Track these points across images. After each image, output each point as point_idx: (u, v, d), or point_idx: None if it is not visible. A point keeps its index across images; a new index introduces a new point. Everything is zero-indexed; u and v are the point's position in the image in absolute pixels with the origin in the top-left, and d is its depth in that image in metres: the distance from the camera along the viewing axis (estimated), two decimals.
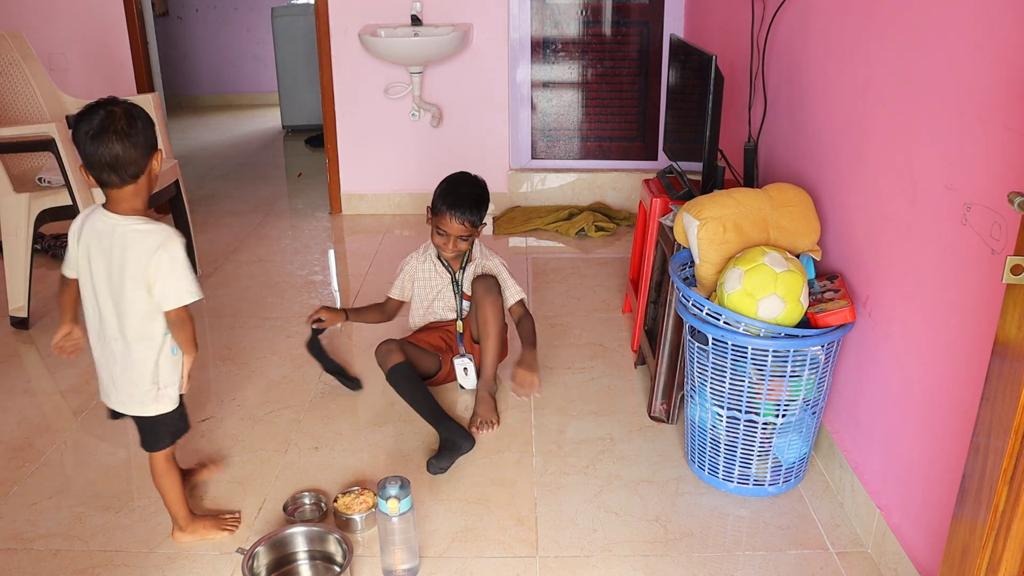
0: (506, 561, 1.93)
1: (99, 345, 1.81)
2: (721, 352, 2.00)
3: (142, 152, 1.69)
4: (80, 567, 1.92)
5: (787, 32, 2.52)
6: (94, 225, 1.73)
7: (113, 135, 1.65)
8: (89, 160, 1.67)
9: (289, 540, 1.93)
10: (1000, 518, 1.24)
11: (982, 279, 1.50)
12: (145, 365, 1.78)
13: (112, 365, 1.80)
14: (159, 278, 1.71)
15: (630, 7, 4.22)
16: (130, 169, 1.68)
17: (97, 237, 1.73)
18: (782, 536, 2.00)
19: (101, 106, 1.69)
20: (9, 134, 2.95)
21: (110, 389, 1.84)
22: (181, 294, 1.73)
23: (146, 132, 1.70)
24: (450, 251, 2.50)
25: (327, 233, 4.21)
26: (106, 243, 1.72)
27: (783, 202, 2.12)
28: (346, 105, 4.28)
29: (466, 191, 2.47)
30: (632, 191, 4.34)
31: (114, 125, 1.66)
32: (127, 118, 1.68)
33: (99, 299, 1.76)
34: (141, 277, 1.71)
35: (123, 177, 1.68)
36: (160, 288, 1.72)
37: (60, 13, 4.20)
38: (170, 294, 1.72)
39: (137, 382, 1.79)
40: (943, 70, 1.62)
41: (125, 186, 1.70)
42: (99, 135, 1.65)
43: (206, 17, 7.36)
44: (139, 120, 1.70)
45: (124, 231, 1.71)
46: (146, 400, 1.82)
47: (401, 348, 2.46)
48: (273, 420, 2.50)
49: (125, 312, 1.74)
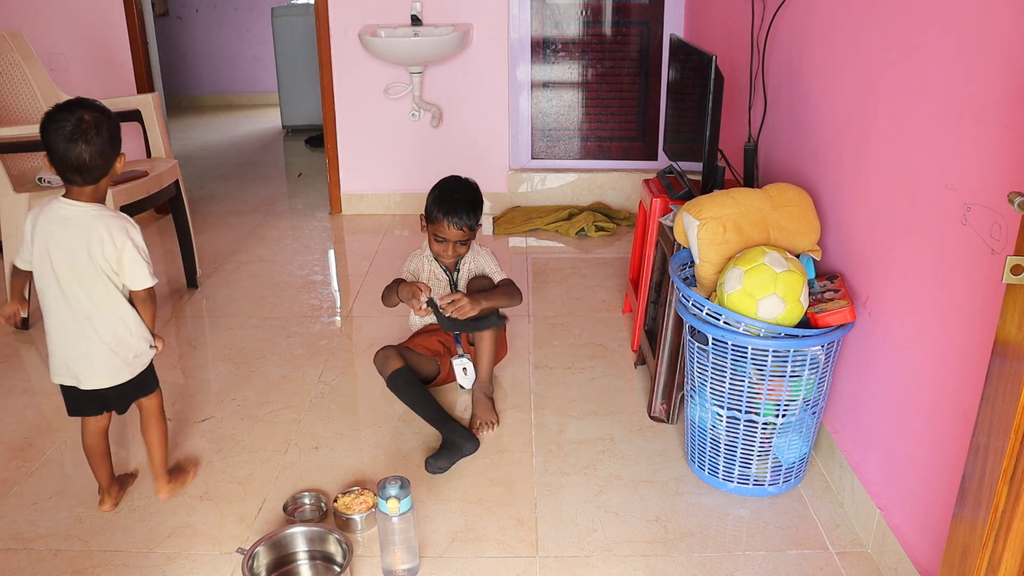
0: (506, 561, 1.93)
1: (68, 326, 1.91)
2: (721, 352, 2.00)
3: (107, 159, 1.84)
4: (80, 567, 1.92)
5: (787, 32, 2.52)
6: (56, 213, 1.86)
7: (83, 143, 1.79)
8: (57, 159, 1.81)
9: (289, 540, 1.93)
10: (1000, 518, 1.24)
11: (982, 279, 1.50)
12: (119, 334, 1.93)
13: (85, 345, 1.91)
14: (124, 263, 1.88)
15: (630, 7, 4.22)
16: (95, 173, 1.84)
17: (61, 224, 1.85)
18: (782, 536, 2.00)
19: (72, 110, 1.80)
20: (9, 134, 2.95)
21: (81, 368, 1.93)
22: (145, 278, 1.90)
23: (112, 139, 1.85)
24: (450, 257, 2.50)
25: (327, 233, 4.21)
26: (72, 230, 1.85)
27: (783, 202, 2.12)
28: (346, 105, 4.28)
29: (459, 196, 2.45)
30: (632, 191, 4.34)
31: (85, 134, 1.79)
32: (96, 127, 1.81)
33: (63, 284, 1.87)
34: (105, 259, 1.86)
35: (87, 179, 1.84)
36: (128, 272, 1.89)
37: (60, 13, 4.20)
38: (136, 277, 1.90)
39: (115, 351, 1.93)
40: (943, 70, 1.62)
41: (86, 186, 1.85)
42: (70, 141, 1.78)
43: (206, 17, 7.36)
44: (106, 128, 1.83)
45: (89, 219, 1.85)
46: (122, 366, 1.96)
47: (399, 353, 2.45)
48: (273, 420, 2.50)
49: (95, 292, 1.88)
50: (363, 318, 3.21)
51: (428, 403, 2.40)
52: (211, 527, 2.04)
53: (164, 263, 3.78)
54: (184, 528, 2.04)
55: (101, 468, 2.09)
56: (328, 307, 3.32)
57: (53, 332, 1.93)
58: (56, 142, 1.78)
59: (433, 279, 2.58)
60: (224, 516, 2.08)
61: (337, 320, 3.21)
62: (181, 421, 2.50)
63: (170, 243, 3.95)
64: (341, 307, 3.34)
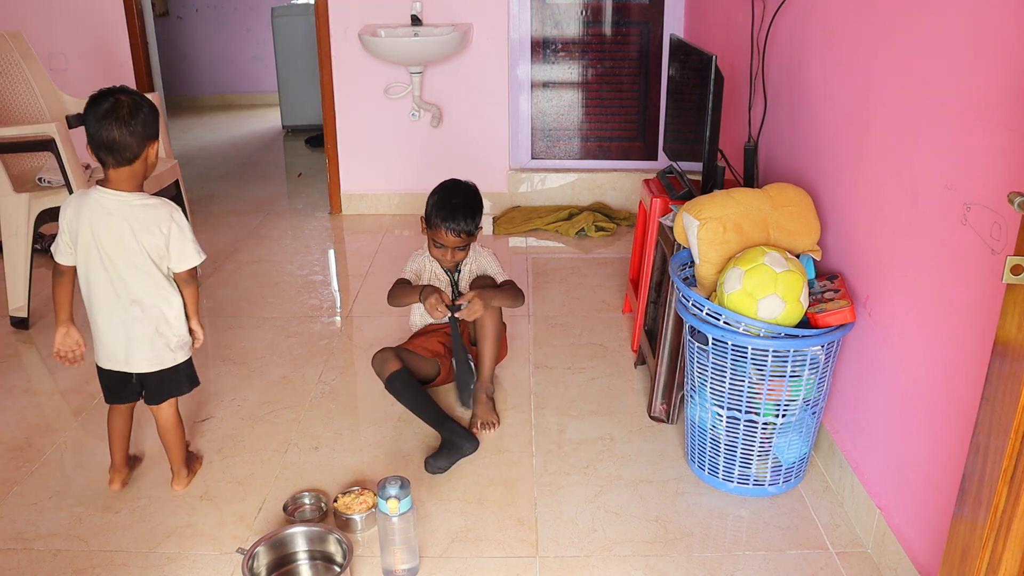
0: (506, 561, 1.93)
1: (116, 313, 1.97)
2: (721, 352, 2.00)
3: (139, 140, 1.88)
4: (80, 567, 1.92)
5: (787, 32, 2.52)
6: (98, 203, 1.91)
7: (115, 121, 1.84)
8: (93, 140, 1.87)
9: (289, 540, 1.93)
10: (1000, 518, 1.24)
11: (982, 279, 1.50)
12: (165, 320, 2.00)
13: (132, 328, 1.97)
14: (172, 245, 1.95)
15: (630, 7, 4.22)
16: (126, 153, 1.87)
17: (103, 213, 1.91)
18: (782, 536, 2.00)
19: (112, 94, 1.88)
20: (9, 134, 2.95)
21: (127, 353, 2.00)
22: (193, 256, 1.98)
23: (146, 123, 1.89)
24: (449, 262, 2.51)
25: (327, 233, 4.21)
26: (115, 218, 1.90)
27: (783, 202, 2.12)
28: (346, 105, 4.28)
29: (458, 201, 2.44)
30: (632, 191, 4.34)
31: (118, 112, 1.85)
32: (130, 108, 1.87)
33: (111, 270, 1.93)
34: (154, 246, 1.93)
35: (118, 159, 1.88)
36: (175, 254, 1.95)
37: (60, 13, 4.20)
38: (183, 258, 1.97)
39: (161, 335, 2.00)
40: (943, 70, 1.62)
41: (121, 167, 1.89)
42: (103, 119, 1.85)
43: (206, 17, 7.36)
44: (142, 112, 1.88)
45: (132, 206, 1.91)
46: (166, 353, 2.02)
47: (397, 355, 2.46)
48: (273, 420, 2.50)
49: (142, 277, 1.94)
50: (363, 318, 3.21)
51: (427, 404, 2.40)
52: (211, 527, 2.04)
53: None
54: (184, 528, 2.04)
55: (119, 448, 2.16)
56: (328, 307, 3.33)
57: (99, 318, 1.99)
58: (91, 121, 1.85)
59: (434, 279, 2.58)
60: (224, 516, 2.09)
61: (337, 320, 3.21)
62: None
63: None
64: (341, 307, 3.34)
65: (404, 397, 2.43)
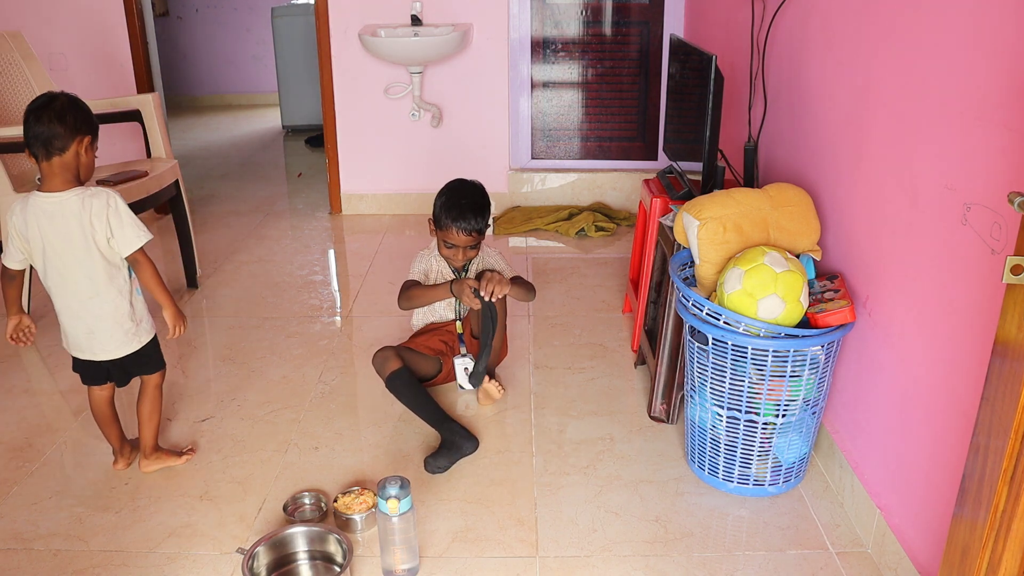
0: (506, 561, 1.93)
1: (75, 308, 2.04)
2: (721, 352, 2.00)
3: (68, 131, 1.95)
4: (80, 567, 1.92)
5: (787, 32, 2.52)
6: (39, 207, 1.97)
7: (46, 113, 1.94)
8: (26, 136, 1.95)
9: (289, 540, 1.93)
10: (1000, 518, 1.24)
11: (982, 279, 1.50)
12: (121, 308, 2.06)
13: (92, 320, 2.05)
14: (113, 231, 1.98)
15: (630, 7, 4.22)
16: (55, 142, 1.94)
17: (47, 216, 1.97)
18: (782, 536, 2.00)
19: (51, 95, 1.99)
20: (9, 134, 2.95)
21: (90, 343, 2.08)
22: (133, 240, 2.01)
23: (78, 119, 1.97)
24: (460, 261, 2.51)
25: (327, 233, 4.21)
26: (58, 219, 1.97)
27: (783, 202, 2.12)
28: (346, 105, 4.28)
29: (467, 201, 2.45)
30: (632, 191, 4.34)
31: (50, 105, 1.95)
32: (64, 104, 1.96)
33: (63, 271, 2.01)
34: (100, 236, 1.98)
35: (48, 150, 1.94)
36: (117, 239, 1.99)
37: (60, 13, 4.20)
38: (125, 242, 2.01)
39: (119, 324, 2.07)
40: (943, 70, 1.62)
41: (52, 159, 1.95)
42: (34, 112, 1.95)
43: (206, 17, 7.36)
44: (75, 108, 1.98)
45: (70, 203, 1.96)
46: (129, 337, 2.10)
47: (398, 354, 2.46)
48: (273, 420, 2.50)
49: (92, 270, 2.00)
50: (363, 318, 3.21)
51: (427, 403, 2.40)
52: (211, 527, 2.05)
53: (164, 263, 3.78)
54: (184, 528, 2.04)
55: (111, 432, 2.24)
56: (328, 307, 3.33)
57: (61, 313, 2.07)
58: (27, 119, 1.95)
59: (441, 279, 2.58)
60: (224, 516, 2.09)
61: (337, 320, 3.21)
62: (181, 421, 2.50)
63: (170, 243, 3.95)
64: (341, 307, 3.34)
65: (404, 396, 2.43)
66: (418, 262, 2.61)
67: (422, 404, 2.40)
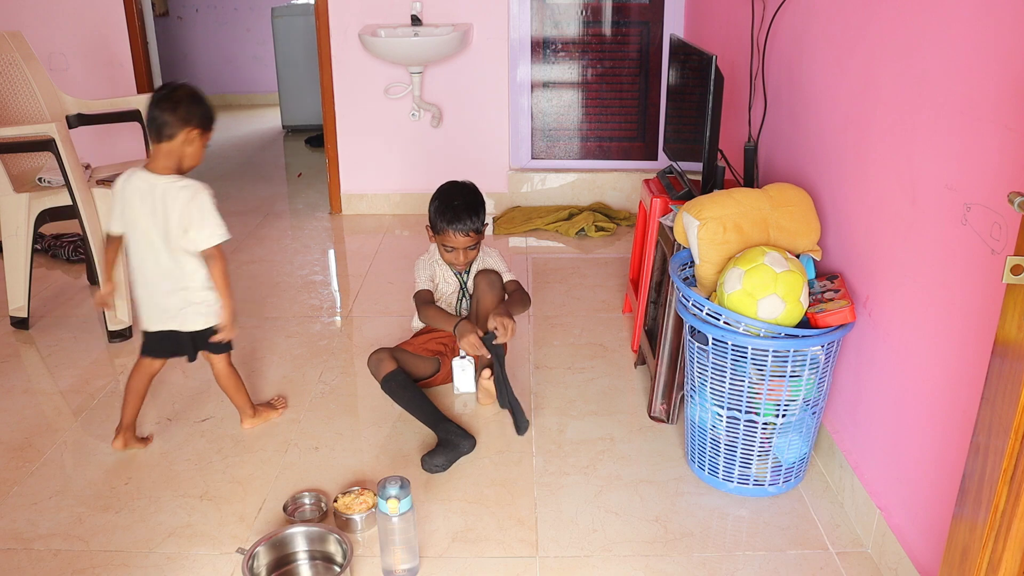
0: (506, 561, 1.93)
1: (151, 281, 2.19)
2: (721, 352, 2.00)
3: (177, 121, 2.10)
4: (80, 567, 1.92)
5: (787, 32, 2.52)
6: (136, 184, 2.14)
7: (162, 102, 2.10)
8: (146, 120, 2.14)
9: (289, 540, 1.93)
10: (1000, 518, 1.24)
11: (982, 279, 1.50)
12: (199, 287, 2.19)
13: (171, 294, 2.19)
14: (193, 224, 2.12)
15: (630, 7, 4.22)
16: (164, 130, 2.10)
17: (139, 193, 2.13)
18: (782, 536, 2.00)
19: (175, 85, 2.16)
20: (9, 134, 2.95)
21: (168, 315, 2.22)
22: (210, 237, 2.14)
23: (189, 111, 2.12)
24: (462, 264, 2.50)
25: (327, 233, 4.21)
26: (147, 198, 2.12)
27: (783, 202, 2.12)
28: (346, 105, 4.28)
29: (460, 202, 2.45)
30: (632, 191, 4.34)
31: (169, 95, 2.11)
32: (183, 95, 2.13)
33: (152, 242, 2.15)
34: (177, 224, 2.12)
35: (157, 136, 2.11)
36: (195, 232, 2.13)
37: (60, 13, 4.20)
38: (202, 237, 2.14)
39: (191, 302, 2.20)
40: (943, 70, 1.62)
41: (159, 144, 2.11)
42: (155, 100, 2.12)
43: (206, 17, 7.36)
44: (190, 101, 2.13)
45: (164, 187, 2.11)
46: (199, 316, 2.22)
47: (392, 356, 2.46)
48: (273, 420, 2.50)
49: (168, 252, 2.14)
50: (363, 318, 3.21)
51: (423, 404, 2.40)
52: (211, 527, 2.05)
53: None
54: (184, 528, 2.04)
55: (131, 407, 2.32)
56: (328, 307, 3.33)
57: (138, 286, 2.22)
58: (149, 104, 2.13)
59: (444, 284, 2.58)
60: (224, 516, 2.09)
61: (337, 320, 3.21)
62: (181, 421, 2.50)
63: None
64: (341, 307, 3.34)
65: (400, 397, 2.43)
66: (423, 268, 2.59)
67: (418, 405, 2.40)
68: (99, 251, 2.96)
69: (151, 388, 2.37)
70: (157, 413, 2.55)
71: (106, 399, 2.63)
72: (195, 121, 2.14)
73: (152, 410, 2.57)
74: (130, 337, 3.02)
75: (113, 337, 3.00)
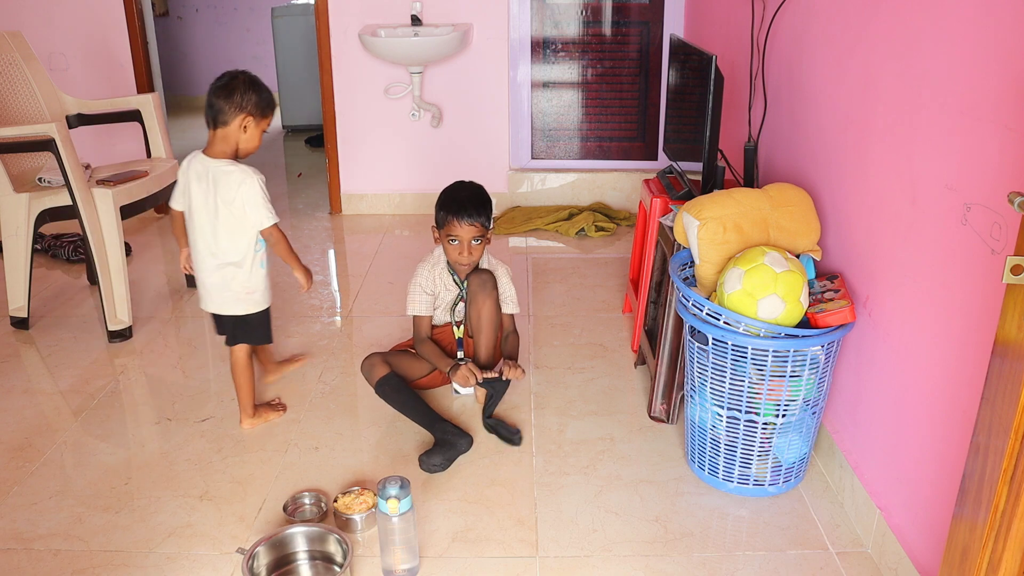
0: (506, 561, 1.93)
1: (204, 261, 2.29)
2: (721, 352, 2.00)
3: (232, 107, 2.20)
4: (80, 567, 1.92)
5: (787, 32, 2.52)
6: (194, 166, 2.25)
7: (219, 89, 2.21)
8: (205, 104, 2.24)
9: (289, 540, 1.93)
10: (1000, 518, 1.24)
11: (982, 279, 1.50)
12: (235, 274, 2.28)
13: (205, 275, 2.30)
14: (246, 207, 2.22)
15: (630, 7, 4.22)
16: (219, 116, 2.21)
17: (196, 176, 2.25)
18: (782, 536, 2.00)
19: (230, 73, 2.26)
20: (9, 134, 2.95)
21: (206, 295, 2.34)
22: (263, 219, 2.24)
23: (245, 97, 2.21)
24: (466, 258, 2.45)
25: (327, 233, 4.21)
26: (203, 181, 2.23)
27: (783, 202, 2.12)
28: (346, 105, 4.28)
29: (465, 194, 2.46)
30: (632, 191, 4.34)
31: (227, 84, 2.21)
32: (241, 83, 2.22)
33: (197, 223, 2.26)
34: (228, 207, 2.21)
35: (213, 121, 2.22)
36: (250, 215, 2.23)
37: (60, 13, 4.20)
38: (257, 219, 2.24)
39: (229, 287, 2.29)
40: (943, 70, 1.62)
41: (215, 129, 2.22)
42: (214, 87, 2.22)
43: (206, 17, 7.36)
44: (246, 88, 2.22)
45: (215, 171, 2.22)
46: (236, 302, 2.32)
47: (385, 360, 2.46)
48: (273, 420, 2.50)
49: (219, 233, 2.24)
50: (363, 318, 3.21)
51: (418, 406, 2.40)
52: (211, 527, 2.05)
53: (164, 263, 3.78)
54: (184, 528, 2.04)
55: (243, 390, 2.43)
56: (328, 307, 3.32)
57: (195, 265, 2.34)
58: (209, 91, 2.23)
59: (444, 291, 2.57)
60: (224, 516, 2.09)
61: (337, 320, 3.21)
62: (181, 421, 2.50)
63: (170, 243, 3.95)
64: (341, 307, 3.34)
65: (394, 400, 2.43)
66: (423, 276, 2.55)
67: (412, 407, 2.40)
68: (99, 251, 2.96)
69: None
70: (157, 413, 2.55)
71: (106, 399, 2.64)
72: (250, 107, 2.22)
73: (152, 410, 2.58)
74: (130, 337, 3.02)
75: (113, 337, 3.00)
